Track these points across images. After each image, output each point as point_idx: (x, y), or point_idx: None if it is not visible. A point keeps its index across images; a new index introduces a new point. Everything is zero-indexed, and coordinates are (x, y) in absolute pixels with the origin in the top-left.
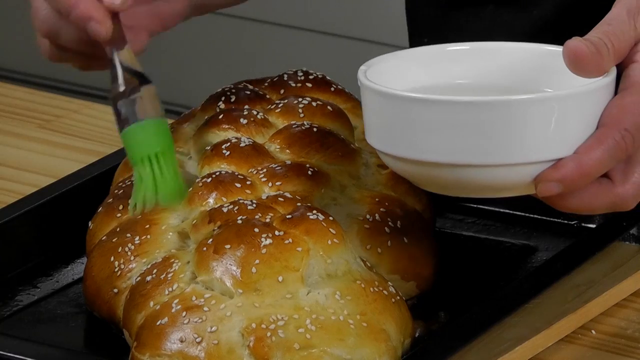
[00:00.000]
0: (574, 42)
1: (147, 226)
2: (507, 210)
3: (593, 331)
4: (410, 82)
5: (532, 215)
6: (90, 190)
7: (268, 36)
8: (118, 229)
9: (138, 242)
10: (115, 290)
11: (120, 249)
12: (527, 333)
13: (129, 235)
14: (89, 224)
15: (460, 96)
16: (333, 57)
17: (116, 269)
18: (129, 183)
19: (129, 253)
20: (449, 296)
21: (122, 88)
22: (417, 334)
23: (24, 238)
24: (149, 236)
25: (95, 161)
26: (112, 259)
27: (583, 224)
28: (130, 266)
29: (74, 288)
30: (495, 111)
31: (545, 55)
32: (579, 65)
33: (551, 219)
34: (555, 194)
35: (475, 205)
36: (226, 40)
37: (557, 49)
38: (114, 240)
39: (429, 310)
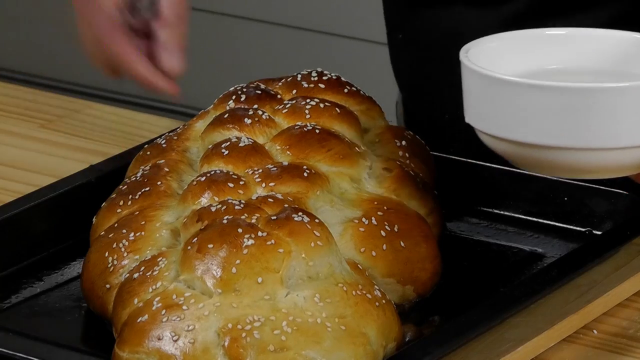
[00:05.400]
0: None
1: (143, 222)
2: (522, 216)
3: (595, 331)
4: (508, 64)
5: (546, 222)
6: (106, 185)
7: (289, 39)
8: (116, 225)
9: (132, 238)
10: (108, 286)
11: (115, 245)
12: (529, 333)
13: (124, 231)
14: (93, 219)
15: (564, 81)
16: (353, 59)
17: (109, 265)
18: (134, 179)
19: (123, 249)
20: (447, 301)
21: None
22: (407, 338)
23: (34, 230)
24: (142, 233)
25: (117, 154)
26: (106, 254)
27: (594, 231)
28: (123, 262)
29: (76, 283)
30: (605, 96)
31: (636, 42)
32: None
33: (564, 226)
34: None
35: (490, 210)
36: (248, 44)
37: None
38: (110, 235)
39: (425, 315)
